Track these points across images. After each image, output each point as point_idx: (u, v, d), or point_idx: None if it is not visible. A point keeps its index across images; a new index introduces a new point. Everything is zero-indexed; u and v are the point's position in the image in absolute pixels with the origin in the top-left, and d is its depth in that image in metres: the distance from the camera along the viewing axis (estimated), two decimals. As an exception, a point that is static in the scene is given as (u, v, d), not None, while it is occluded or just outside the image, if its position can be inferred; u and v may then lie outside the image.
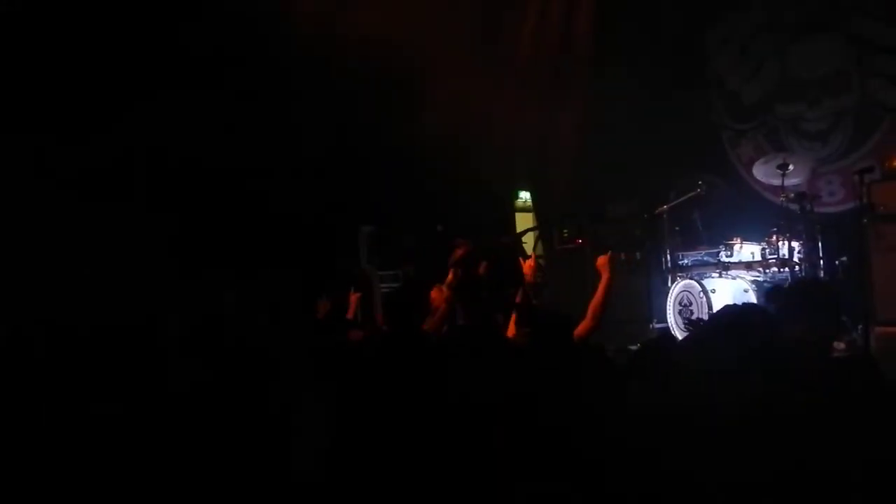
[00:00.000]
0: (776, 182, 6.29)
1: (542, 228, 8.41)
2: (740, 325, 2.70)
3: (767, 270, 6.28)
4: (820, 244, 6.21)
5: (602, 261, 3.84)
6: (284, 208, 7.56)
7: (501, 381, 2.63)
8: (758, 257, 6.34)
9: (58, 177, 6.29)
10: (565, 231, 8.10)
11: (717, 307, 6.07)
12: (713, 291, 6.30)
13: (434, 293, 4.61)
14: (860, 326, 5.37)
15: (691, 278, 6.53)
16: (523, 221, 9.33)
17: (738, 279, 6.39)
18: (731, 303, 5.99)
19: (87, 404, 2.75)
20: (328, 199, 7.72)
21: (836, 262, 6.20)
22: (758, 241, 6.37)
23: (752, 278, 6.38)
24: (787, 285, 5.76)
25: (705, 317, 6.12)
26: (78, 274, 5.83)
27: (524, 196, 8.69)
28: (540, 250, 8.40)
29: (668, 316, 6.60)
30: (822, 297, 3.00)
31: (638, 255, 7.35)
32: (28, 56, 6.15)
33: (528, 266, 4.58)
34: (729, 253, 6.44)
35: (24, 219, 5.90)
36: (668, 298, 6.60)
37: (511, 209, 8.77)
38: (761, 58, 8.06)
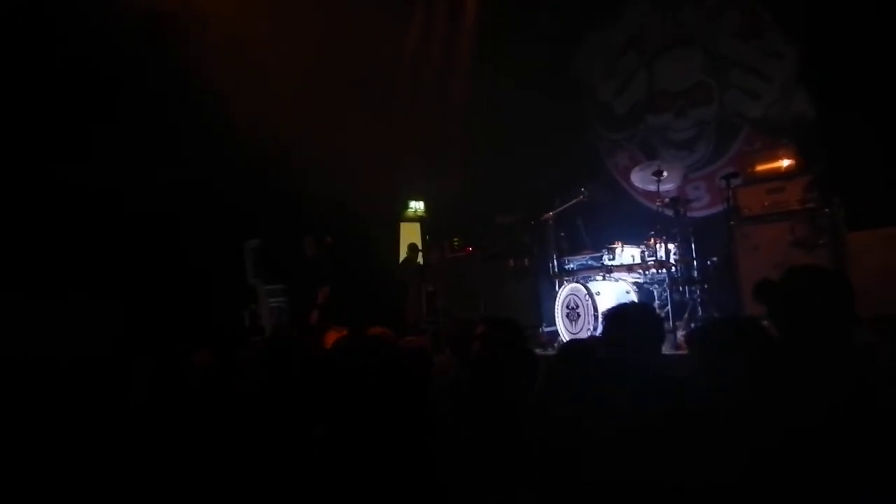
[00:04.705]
0: (652, 188, 6.54)
1: (431, 240, 8.48)
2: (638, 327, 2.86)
3: (647, 272, 6.55)
4: (693, 245, 6.55)
5: None
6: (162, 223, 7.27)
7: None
8: (638, 259, 6.57)
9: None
10: (455, 240, 8.21)
11: (602, 309, 6.30)
12: (598, 294, 6.46)
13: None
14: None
15: (577, 282, 6.68)
16: (409, 231, 9.38)
17: (620, 281, 6.65)
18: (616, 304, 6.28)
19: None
20: (211, 214, 7.47)
21: (708, 262, 6.58)
22: (637, 244, 6.60)
23: (633, 280, 6.67)
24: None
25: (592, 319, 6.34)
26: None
27: (414, 206, 8.73)
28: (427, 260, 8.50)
29: (556, 319, 6.76)
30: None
31: (526, 261, 7.54)
32: None
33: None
34: (611, 256, 6.65)
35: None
36: (556, 302, 6.74)
37: (399, 219, 8.79)
38: (629, 71, 8.52)
